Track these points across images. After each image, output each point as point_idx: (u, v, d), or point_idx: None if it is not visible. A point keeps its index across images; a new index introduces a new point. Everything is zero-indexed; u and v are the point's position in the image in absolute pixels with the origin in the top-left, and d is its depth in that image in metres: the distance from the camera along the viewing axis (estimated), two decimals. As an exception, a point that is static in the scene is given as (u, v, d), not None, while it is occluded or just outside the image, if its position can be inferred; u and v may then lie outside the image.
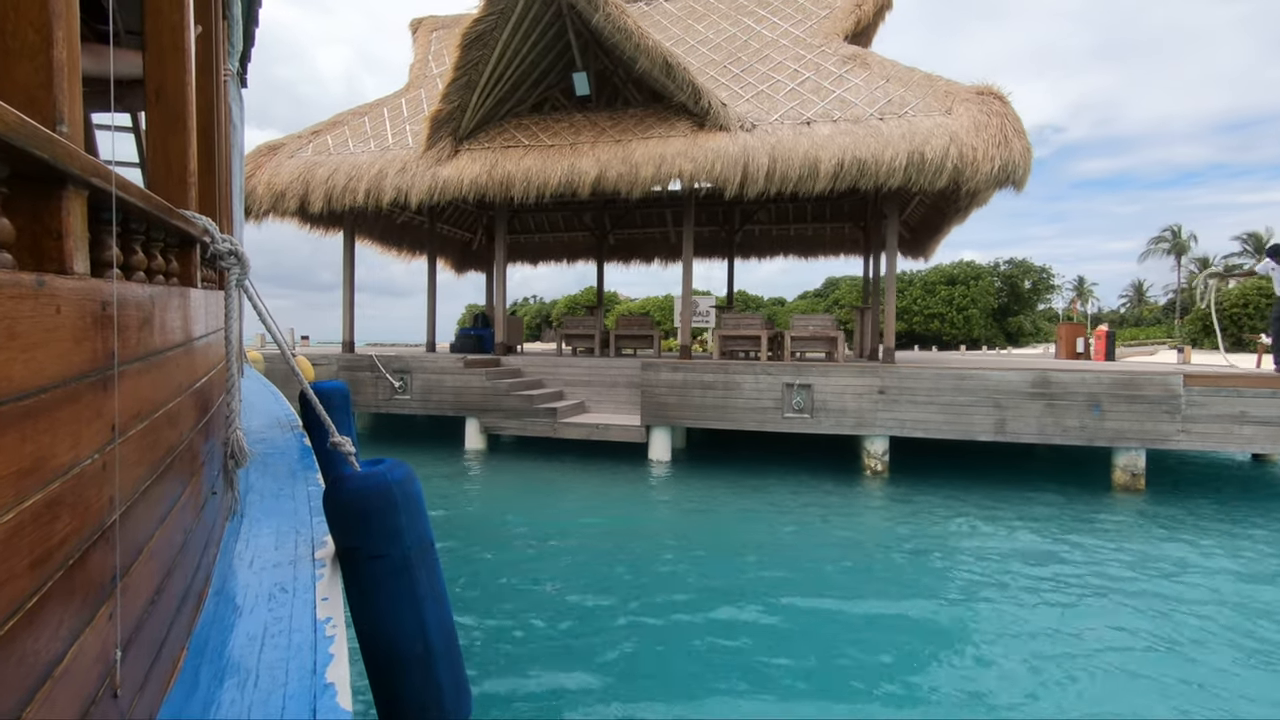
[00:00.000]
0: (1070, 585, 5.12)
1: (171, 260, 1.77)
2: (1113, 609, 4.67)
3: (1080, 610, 4.66)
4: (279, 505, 2.69)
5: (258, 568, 2.05)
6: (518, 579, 5.16)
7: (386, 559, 1.96)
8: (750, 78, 11.19)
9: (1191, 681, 3.68)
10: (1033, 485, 8.67)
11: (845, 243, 17.59)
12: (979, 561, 5.68)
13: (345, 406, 4.42)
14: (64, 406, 0.91)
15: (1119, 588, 5.07)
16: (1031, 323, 64.42)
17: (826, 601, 4.76)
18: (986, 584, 5.14)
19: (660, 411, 9.65)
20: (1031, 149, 8.95)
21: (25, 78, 0.95)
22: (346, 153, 11.78)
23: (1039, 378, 8.43)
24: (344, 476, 2.02)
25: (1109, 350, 16.54)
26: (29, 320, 0.81)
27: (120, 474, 1.11)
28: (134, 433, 1.22)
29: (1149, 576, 5.32)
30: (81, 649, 0.93)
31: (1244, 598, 4.88)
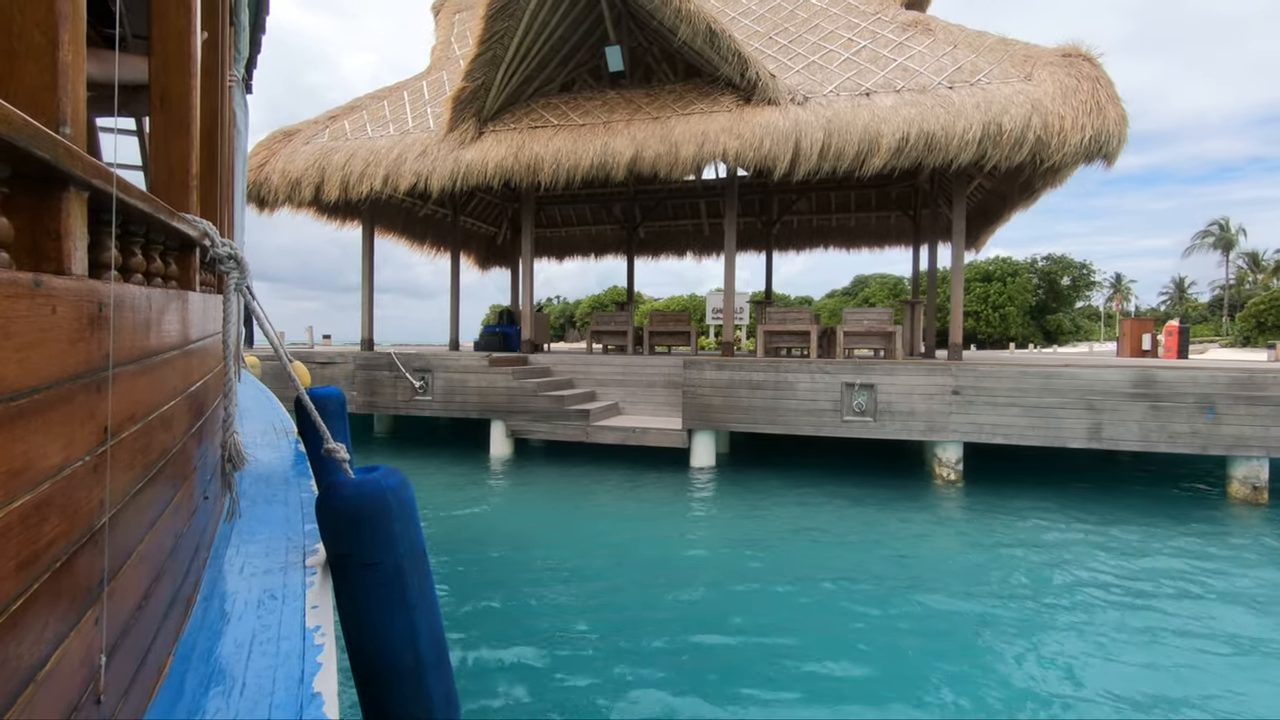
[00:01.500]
0: (1208, 631, 4.14)
1: (170, 263, 1.76)
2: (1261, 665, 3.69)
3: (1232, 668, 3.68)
4: (271, 511, 2.67)
5: (248, 574, 2.04)
6: (535, 619, 4.30)
7: (379, 567, 1.94)
8: (800, 48, 10.25)
9: None
10: (1132, 498, 7.62)
11: (891, 233, 16.52)
12: (1102, 590, 4.71)
13: (341, 413, 4.15)
14: (57, 407, 0.90)
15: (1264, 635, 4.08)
16: (1071, 320, 62.27)
17: (941, 660, 3.84)
18: (1114, 625, 4.18)
19: (703, 414, 8.75)
20: (1127, 117, 7.91)
21: (30, 79, 0.95)
22: (364, 137, 11.06)
23: (1141, 376, 7.38)
24: (337, 483, 1.97)
25: (1182, 347, 15.27)
26: (24, 320, 0.81)
27: (112, 476, 1.10)
28: (127, 435, 1.20)
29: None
30: (66, 653, 0.93)
31: None
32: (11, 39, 0.93)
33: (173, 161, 1.89)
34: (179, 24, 1.86)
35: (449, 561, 5.28)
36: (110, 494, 1.09)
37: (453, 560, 5.31)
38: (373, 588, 1.94)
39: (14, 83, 0.94)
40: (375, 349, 11.68)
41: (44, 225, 0.94)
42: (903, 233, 16.29)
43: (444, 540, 5.86)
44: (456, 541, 5.88)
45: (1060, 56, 8.31)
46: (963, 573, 5.20)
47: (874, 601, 4.57)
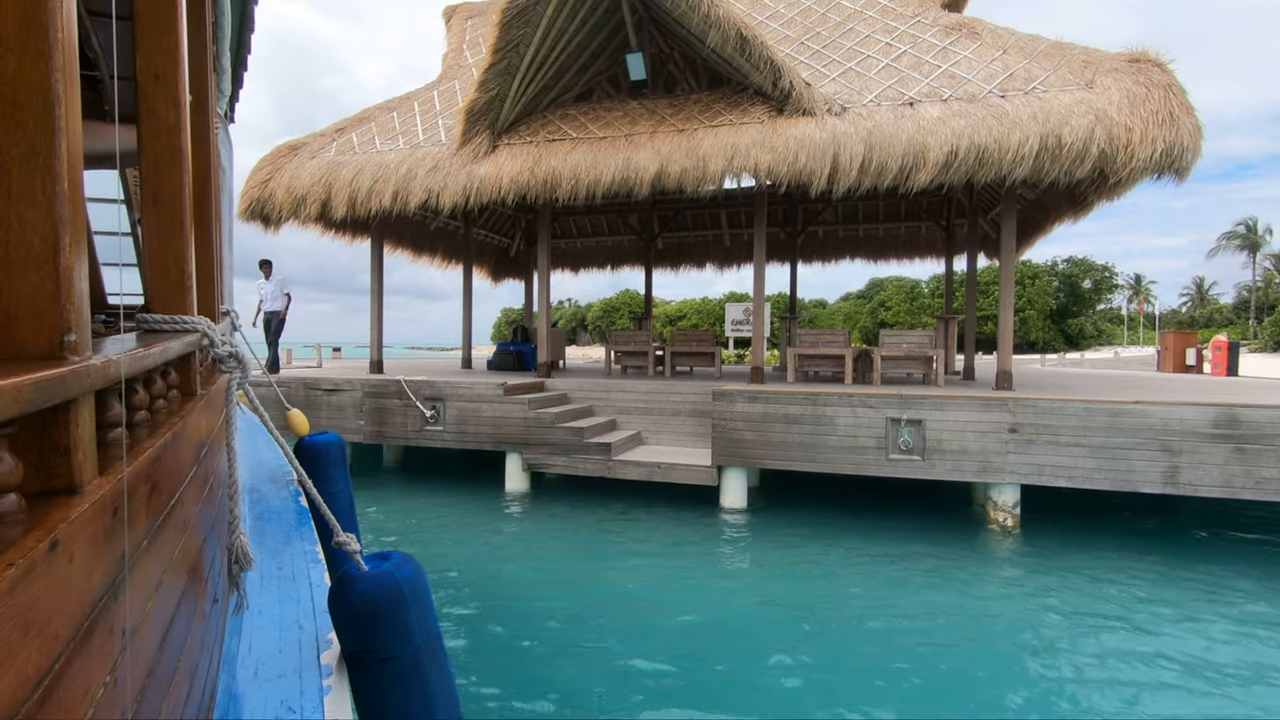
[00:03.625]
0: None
1: (171, 373, 1.73)
2: None
3: None
4: (280, 591, 2.59)
5: (262, 679, 1.99)
6: (540, 700, 3.70)
7: (397, 660, 1.91)
8: (834, 54, 9.60)
9: None
10: (1207, 545, 6.93)
11: (921, 244, 15.81)
12: (1162, 650, 4.05)
13: (341, 459, 3.94)
14: (77, 651, 0.86)
15: None
16: (1093, 324, 61.09)
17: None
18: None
19: (735, 449, 8.13)
20: (1201, 128, 7.22)
21: (30, 289, 0.94)
22: (373, 151, 10.52)
23: (1224, 415, 6.68)
24: (351, 577, 1.94)
25: (1232, 364, 14.47)
26: (42, 591, 0.76)
27: (128, 604, 1.05)
28: (141, 567, 1.14)
29: None
30: None
31: None
32: (9, 249, 0.93)
33: (169, 262, 1.86)
34: (168, 120, 1.82)
35: (450, 621, 4.69)
36: (127, 620, 1.06)
37: (453, 620, 4.72)
38: (392, 682, 1.95)
39: (13, 295, 0.94)
40: (384, 373, 11.13)
41: (52, 442, 0.92)
42: (932, 244, 15.60)
43: (449, 592, 5.27)
44: (460, 595, 5.29)
45: (1126, 62, 7.62)
46: (1027, 649, 4.54)
47: (936, 692, 3.93)
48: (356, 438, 9.69)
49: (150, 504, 1.23)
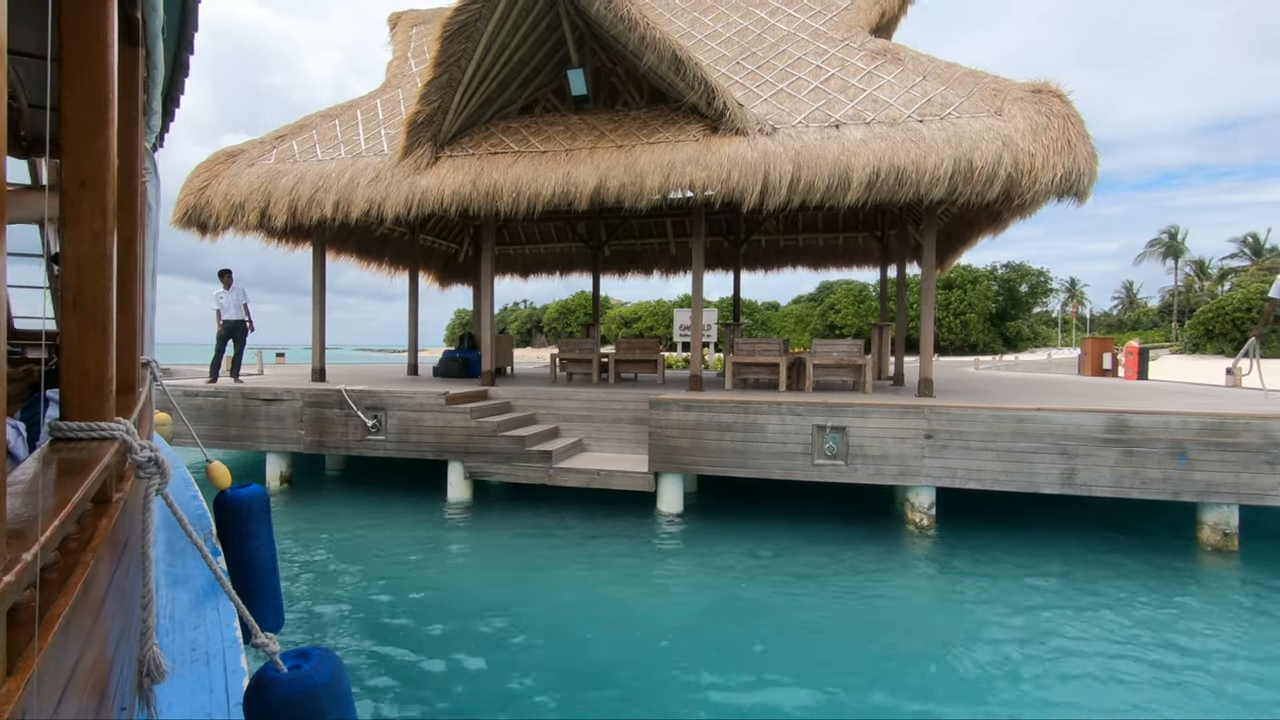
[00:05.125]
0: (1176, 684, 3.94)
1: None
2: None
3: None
4: (194, 678, 2.43)
5: None
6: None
7: None
8: (767, 75, 10.00)
9: None
10: (1102, 543, 7.52)
11: (859, 254, 16.43)
12: (1062, 653, 4.49)
13: (264, 513, 3.69)
14: None
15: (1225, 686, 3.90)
16: (1029, 327, 63.73)
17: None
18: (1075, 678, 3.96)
19: (671, 456, 8.42)
20: (1097, 155, 7.81)
21: None
22: (314, 160, 10.49)
23: (1114, 421, 7.26)
24: (268, 682, 1.92)
25: (1142, 368, 15.46)
26: None
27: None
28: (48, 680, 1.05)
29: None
30: None
31: None
32: None
33: (88, 367, 1.77)
34: (94, 226, 1.74)
35: (385, 633, 4.84)
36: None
37: (388, 632, 4.87)
38: None
39: None
40: (326, 382, 11.09)
41: None
42: (870, 253, 16.22)
43: (384, 605, 5.41)
44: (395, 605, 5.43)
45: (1030, 92, 8.19)
46: (937, 634, 4.94)
47: (839, 681, 4.28)
48: (296, 447, 9.67)
49: (54, 625, 1.18)
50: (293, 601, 5.59)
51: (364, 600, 5.74)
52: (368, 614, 5.45)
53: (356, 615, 5.43)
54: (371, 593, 5.92)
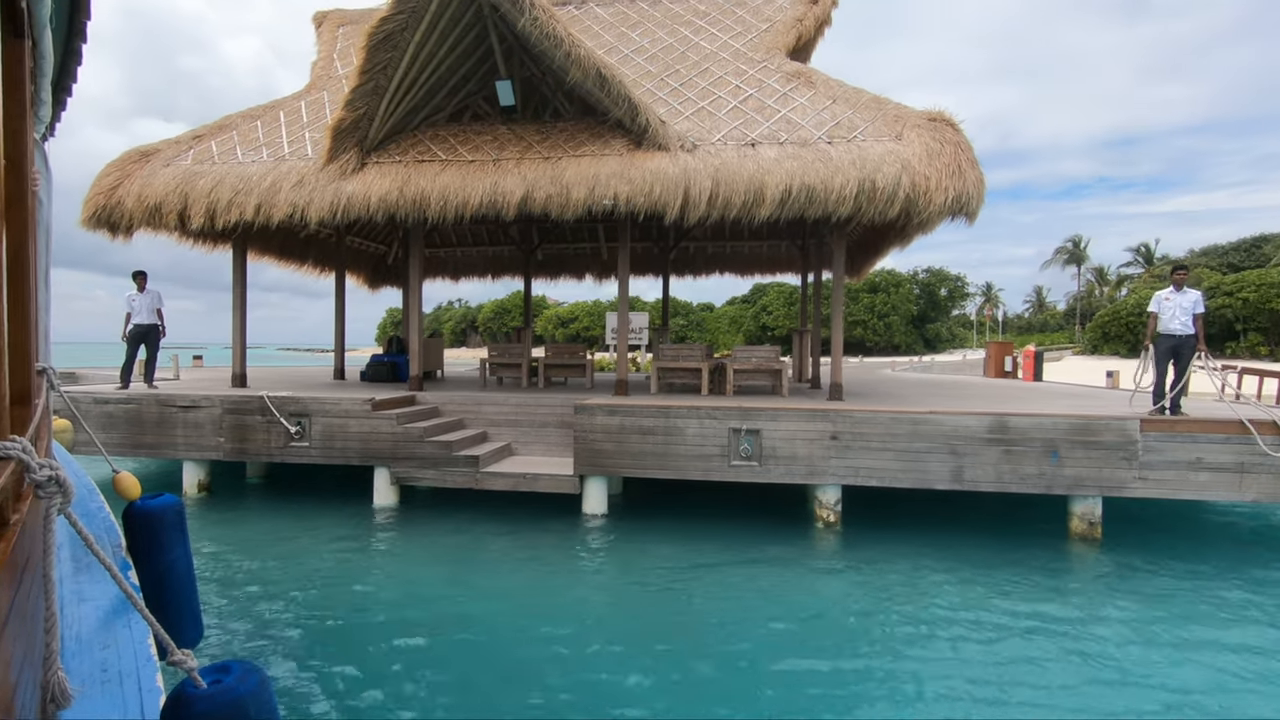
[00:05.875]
0: (1040, 653, 4.54)
1: None
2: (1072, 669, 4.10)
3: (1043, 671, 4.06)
4: (107, 699, 2.28)
5: None
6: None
7: None
8: (690, 92, 10.43)
9: None
10: (987, 534, 8.26)
11: (782, 261, 17.14)
12: (944, 625, 5.05)
13: (178, 524, 3.65)
14: None
15: (1086, 650, 4.53)
16: (948, 329, 67.08)
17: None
18: (950, 644, 4.50)
19: (595, 459, 8.73)
20: (984, 180, 8.55)
21: None
22: (234, 161, 10.31)
23: (996, 423, 8.00)
24: (187, 698, 1.81)
25: (1037, 370, 16.71)
26: None
27: None
28: None
29: (1117, 643, 4.81)
30: None
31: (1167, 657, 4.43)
32: None
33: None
34: None
35: (310, 642, 4.98)
36: None
37: (314, 642, 5.00)
38: None
39: None
40: (248, 387, 10.90)
41: None
42: (793, 261, 16.94)
43: (309, 614, 5.51)
44: (321, 613, 5.54)
45: (926, 120, 8.87)
46: (840, 620, 5.43)
47: (749, 670, 4.69)
48: (215, 455, 9.51)
49: None
50: (213, 614, 5.52)
51: (288, 609, 5.78)
52: (292, 623, 5.50)
53: (281, 625, 5.46)
54: (296, 601, 5.98)
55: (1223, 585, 6.57)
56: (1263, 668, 4.86)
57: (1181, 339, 8.25)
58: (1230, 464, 7.58)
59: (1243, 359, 42.45)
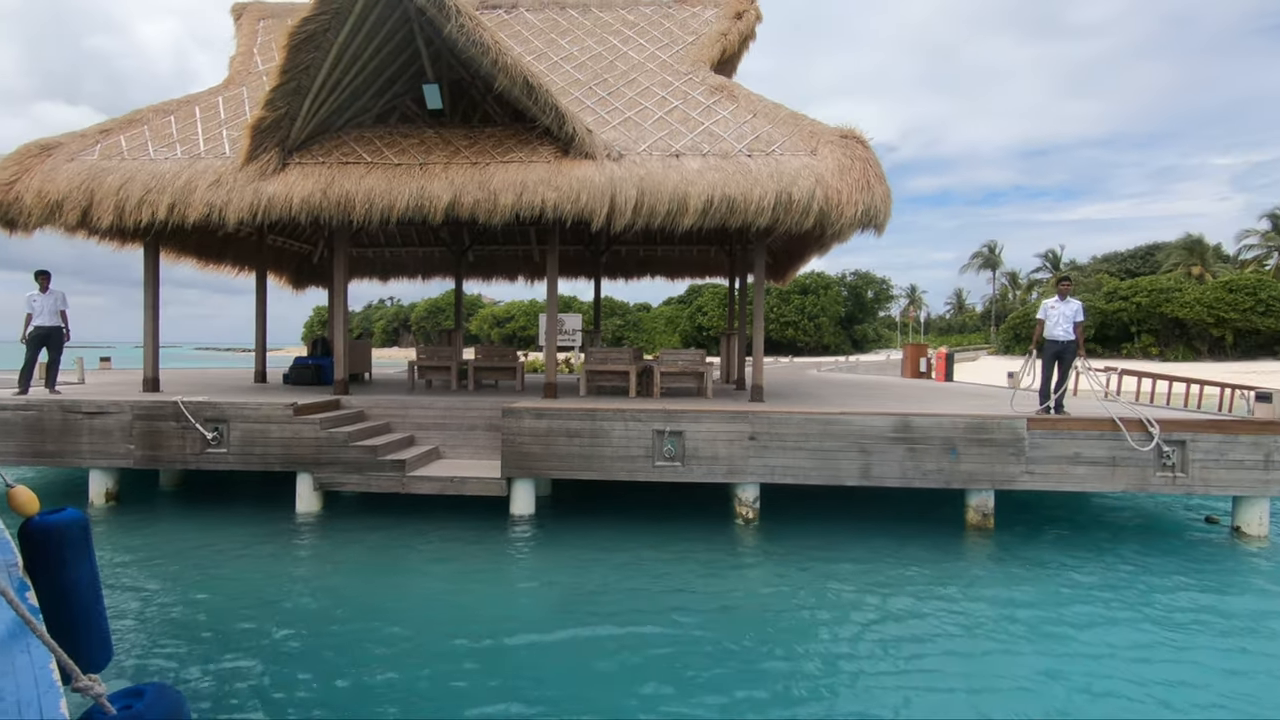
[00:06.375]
0: (931, 632, 5.01)
1: None
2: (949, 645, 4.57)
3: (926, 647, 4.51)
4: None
5: None
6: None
7: None
8: (617, 102, 10.67)
9: None
10: (893, 526, 8.82)
11: (711, 266, 17.62)
12: (853, 610, 5.47)
13: (82, 541, 3.35)
14: None
15: (968, 626, 5.02)
16: (874, 330, 69.80)
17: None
18: (858, 627, 4.91)
19: (523, 462, 8.87)
20: (891, 194, 9.11)
21: None
22: (145, 158, 9.94)
23: (900, 423, 8.56)
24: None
25: (948, 371, 17.72)
26: None
27: None
28: None
29: (998, 619, 5.34)
30: None
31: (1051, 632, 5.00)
32: None
33: None
34: None
35: (230, 657, 4.96)
36: None
37: (234, 656, 4.99)
38: None
39: None
40: (160, 392, 10.52)
41: None
42: (721, 265, 17.44)
43: (228, 628, 5.47)
44: (239, 626, 5.50)
45: (839, 137, 9.38)
46: (757, 611, 5.77)
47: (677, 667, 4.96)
48: (125, 463, 9.17)
49: None
50: (123, 634, 5.30)
51: (206, 625, 5.61)
52: (211, 640, 5.32)
53: (198, 642, 5.27)
54: (213, 615, 5.83)
55: (1091, 565, 7.27)
56: (1108, 633, 5.46)
57: (1064, 344, 9.02)
58: (1104, 458, 8.35)
59: (1136, 359, 45.84)
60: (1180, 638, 5.56)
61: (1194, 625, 5.82)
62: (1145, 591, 6.62)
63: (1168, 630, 5.69)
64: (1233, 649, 5.36)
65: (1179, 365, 39.89)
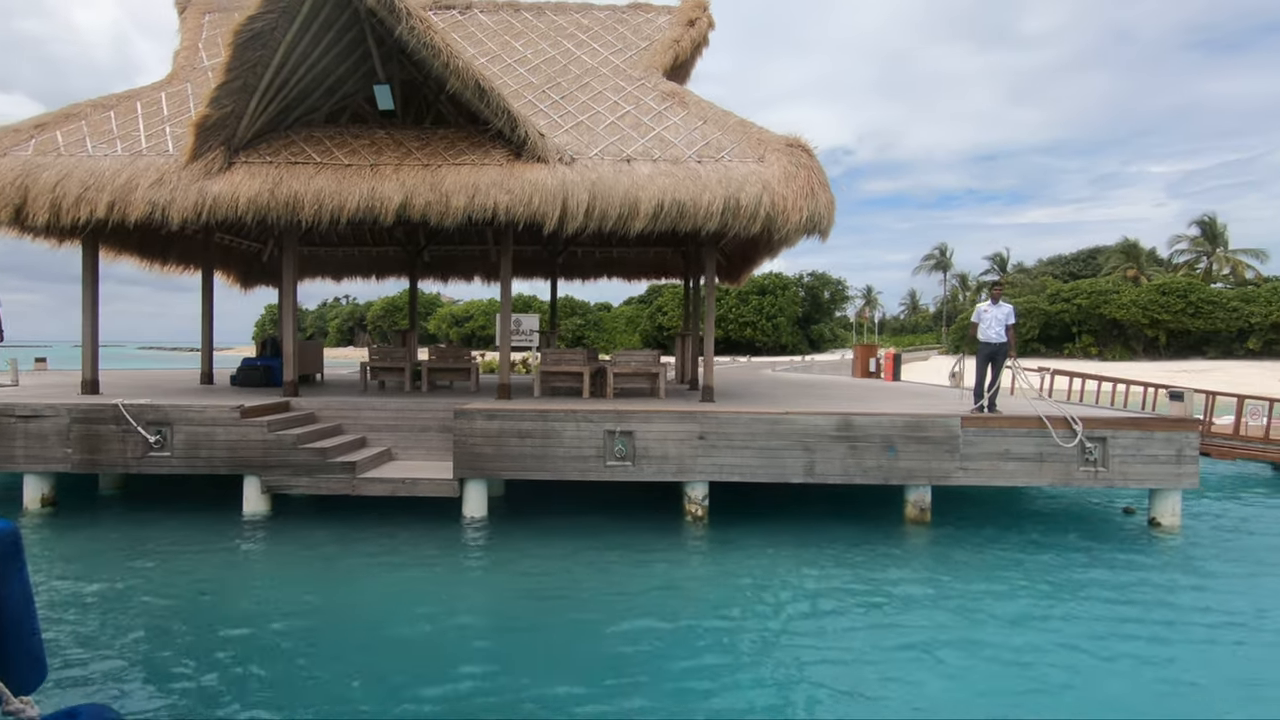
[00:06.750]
0: (870, 618, 5.29)
1: None
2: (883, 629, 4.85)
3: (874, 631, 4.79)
4: None
5: None
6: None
7: None
8: (570, 106, 10.78)
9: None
10: (835, 521, 9.15)
11: (667, 266, 17.82)
12: (791, 598, 5.73)
13: (13, 555, 3.29)
14: None
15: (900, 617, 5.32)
16: (830, 330, 71.16)
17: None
18: (803, 615, 5.16)
19: (475, 463, 8.93)
20: (835, 201, 9.43)
21: None
22: (83, 155, 9.68)
23: (842, 422, 8.88)
24: None
25: (896, 371, 18.29)
26: None
27: None
28: None
29: (927, 607, 5.66)
30: None
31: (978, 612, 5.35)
32: None
33: None
34: None
35: (172, 672, 4.94)
36: None
37: (176, 671, 4.97)
38: None
39: None
40: (100, 394, 10.25)
41: None
42: (677, 266, 17.66)
43: (170, 639, 5.42)
44: (182, 637, 5.44)
45: (785, 145, 9.66)
46: (708, 603, 5.98)
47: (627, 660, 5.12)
48: (62, 467, 8.93)
49: None
50: (58, 650, 5.05)
51: (146, 637, 5.41)
52: (150, 652, 5.15)
53: (138, 656, 5.09)
54: (156, 627, 5.60)
55: (1017, 553, 7.69)
56: (1025, 607, 5.83)
57: (997, 346, 9.47)
58: (1032, 454, 8.81)
59: (1077, 358, 47.73)
60: (1089, 611, 6.01)
61: (1097, 600, 6.29)
62: (1063, 574, 7.07)
63: (1078, 603, 6.14)
64: (1153, 623, 5.79)
65: (1115, 365, 41.77)
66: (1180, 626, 5.82)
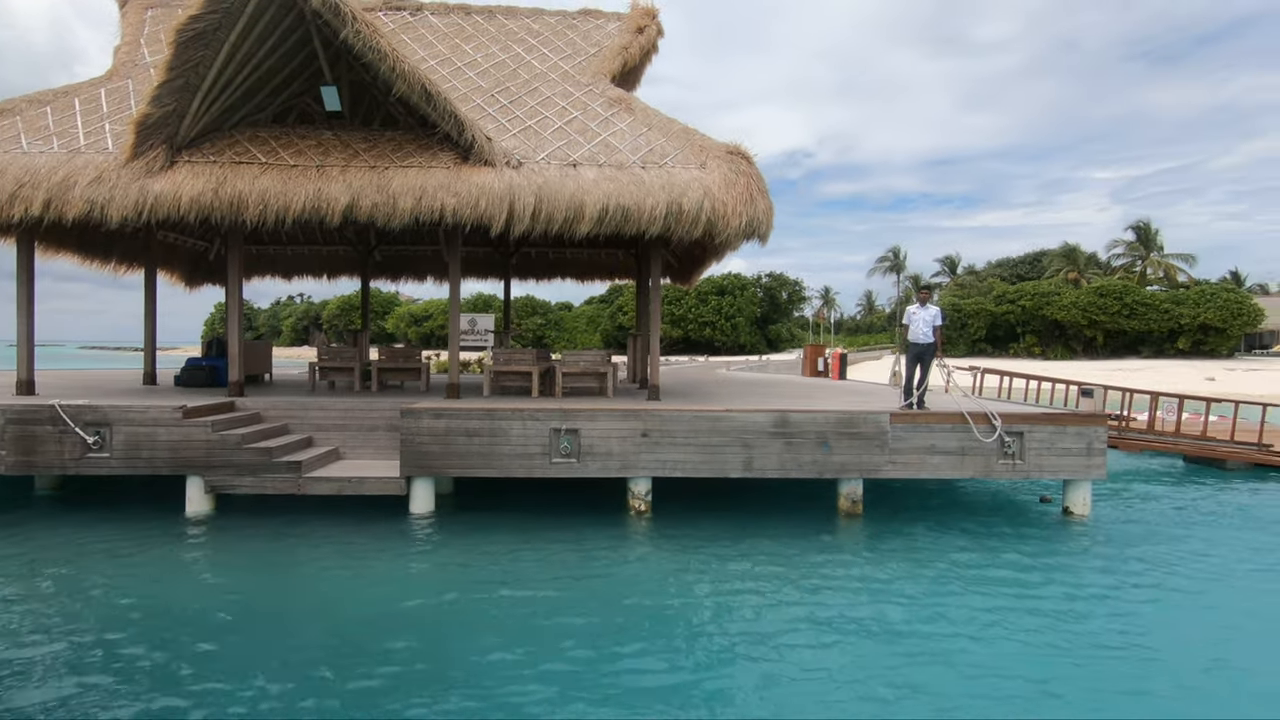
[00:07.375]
0: (800, 608, 5.65)
1: None
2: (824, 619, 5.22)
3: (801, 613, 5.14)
4: None
5: None
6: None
7: None
8: (518, 110, 10.97)
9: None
10: (773, 513, 9.55)
11: (619, 268, 18.09)
12: (726, 585, 6.05)
13: None
14: None
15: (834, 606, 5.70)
16: (788, 330, 72.39)
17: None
18: (741, 606, 5.48)
19: (422, 461, 9.07)
20: (773, 208, 9.82)
21: None
22: (17, 151, 9.52)
23: (779, 419, 9.27)
24: None
25: (842, 370, 18.90)
26: None
27: None
28: None
29: (858, 592, 6.06)
30: None
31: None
32: None
33: None
34: None
35: (106, 678, 5.00)
36: None
37: (111, 677, 5.00)
38: None
39: None
40: (36, 394, 10.07)
41: None
42: (629, 268, 17.94)
43: (106, 644, 5.43)
44: (122, 644, 5.31)
45: (726, 152, 10.01)
46: (649, 591, 6.26)
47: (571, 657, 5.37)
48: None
49: None
50: None
51: (83, 643, 5.25)
52: (80, 658, 4.99)
53: (71, 663, 4.92)
54: (90, 632, 5.46)
55: (942, 541, 8.18)
56: (946, 587, 6.28)
57: (925, 346, 9.98)
58: (954, 448, 9.33)
59: (1021, 358, 49.54)
60: (1005, 592, 6.47)
61: (1015, 583, 6.75)
62: (983, 557, 7.60)
63: (994, 585, 6.59)
64: (1061, 599, 6.27)
65: (1055, 364, 43.52)
66: (1076, 600, 6.33)
